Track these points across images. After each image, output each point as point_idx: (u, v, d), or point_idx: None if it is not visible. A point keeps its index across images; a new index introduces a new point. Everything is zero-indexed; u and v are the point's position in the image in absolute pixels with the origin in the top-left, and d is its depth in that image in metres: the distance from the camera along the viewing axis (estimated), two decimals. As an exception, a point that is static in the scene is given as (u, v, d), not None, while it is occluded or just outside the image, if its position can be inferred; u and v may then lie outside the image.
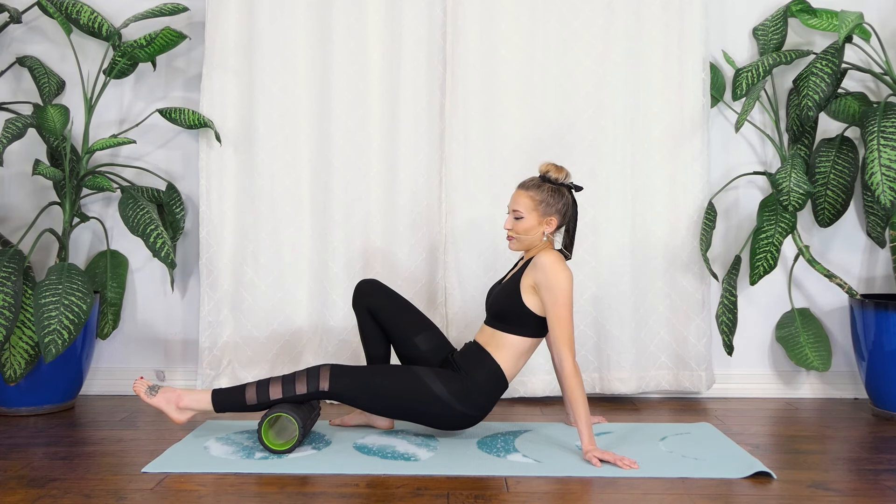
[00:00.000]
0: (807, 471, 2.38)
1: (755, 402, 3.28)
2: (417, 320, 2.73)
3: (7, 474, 2.31)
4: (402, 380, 2.55)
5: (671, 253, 3.25)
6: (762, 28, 3.29)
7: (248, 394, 2.56)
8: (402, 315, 2.72)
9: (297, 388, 2.54)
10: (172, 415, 2.61)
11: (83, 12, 3.14)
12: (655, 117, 3.24)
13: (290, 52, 3.26)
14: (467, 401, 2.55)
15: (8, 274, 2.80)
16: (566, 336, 2.48)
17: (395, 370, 2.59)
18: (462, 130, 3.22)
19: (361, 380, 2.55)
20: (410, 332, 2.71)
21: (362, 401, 2.56)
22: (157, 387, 2.64)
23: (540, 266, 2.51)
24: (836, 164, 3.21)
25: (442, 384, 2.54)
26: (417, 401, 2.54)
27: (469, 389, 2.55)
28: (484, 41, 3.23)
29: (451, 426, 2.61)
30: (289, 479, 2.28)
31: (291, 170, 3.27)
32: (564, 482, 2.26)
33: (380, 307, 2.72)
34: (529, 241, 2.62)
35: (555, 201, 2.59)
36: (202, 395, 2.60)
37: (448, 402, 2.54)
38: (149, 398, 2.62)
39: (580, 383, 2.45)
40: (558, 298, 2.48)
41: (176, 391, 2.62)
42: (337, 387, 2.54)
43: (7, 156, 3.38)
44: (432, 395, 2.53)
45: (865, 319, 3.04)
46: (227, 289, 3.26)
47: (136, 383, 2.65)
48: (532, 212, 2.59)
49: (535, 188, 2.60)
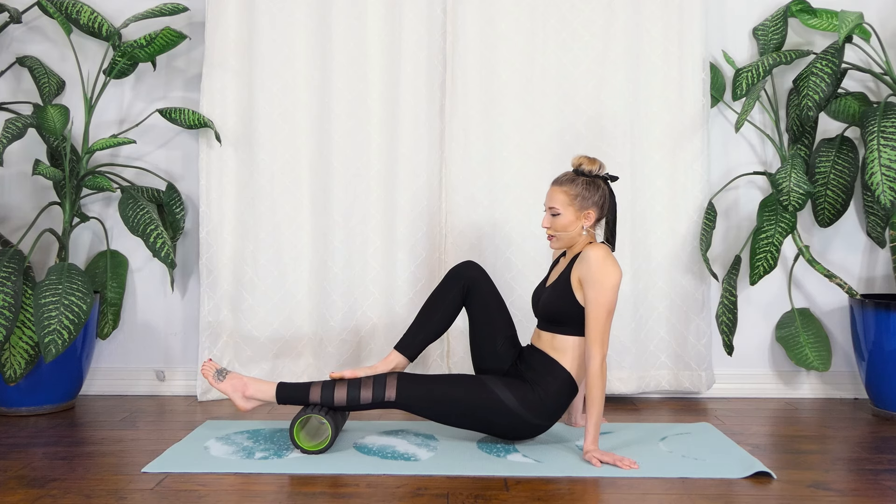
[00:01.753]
0: (807, 471, 2.38)
1: (755, 402, 3.28)
2: (506, 322, 2.65)
3: (7, 474, 2.31)
4: (471, 389, 2.50)
5: (671, 253, 3.25)
6: (762, 28, 3.29)
7: (313, 393, 2.53)
8: (497, 310, 2.64)
9: (363, 394, 2.51)
10: (238, 402, 2.59)
11: (83, 12, 3.14)
12: (655, 117, 3.24)
13: (290, 52, 3.26)
14: (539, 410, 2.50)
15: (8, 274, 2.80)
16: (600, 334, 2.43)
17: (464, 379, 2.53)
18: (462, 130, 3.23)
19: (430, 390, 2.50)
20: (498, 329, 2.63)
21: (431, 411, 2.51)
22: (224, 371, 2.61)
23: (588, 260, 2.46)
24: (836, 164, 3.21)
25: (512, 394, 2.49)
26: (488, 411, 2.49)
27: (541, 399, 2.50)
28: (484, 41, 3.23)
29: (520, 436, 2.57)
30: (289, 479, 2.28)
31: (291, 170, 3.27)
32: (564, 482, 2.26)
33: (481, 292, 2.63)
34: (570, 237, 2.57)
35: (590, 194, 2.54)
36: (268, 387, 2.58)
37: (519, 412, 2.49)
38: (217, 382, 2.60)
39: (603, 384, 2.41)
40: (601, 295, 2.43)
41: (243, 379, 2.59)
42: (404, 396, 2.50)
43: (7, 156, 3.38)
44: (503, 405, 2.48)
45: (865, 319, 3.04)
46: (227, 289, 3.26)
47: (205, 366, 2.63)
48: (568, 207, 2.54)
49: (570, 183, 2.56)
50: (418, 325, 2.64)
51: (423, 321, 2.64)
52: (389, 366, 2.60)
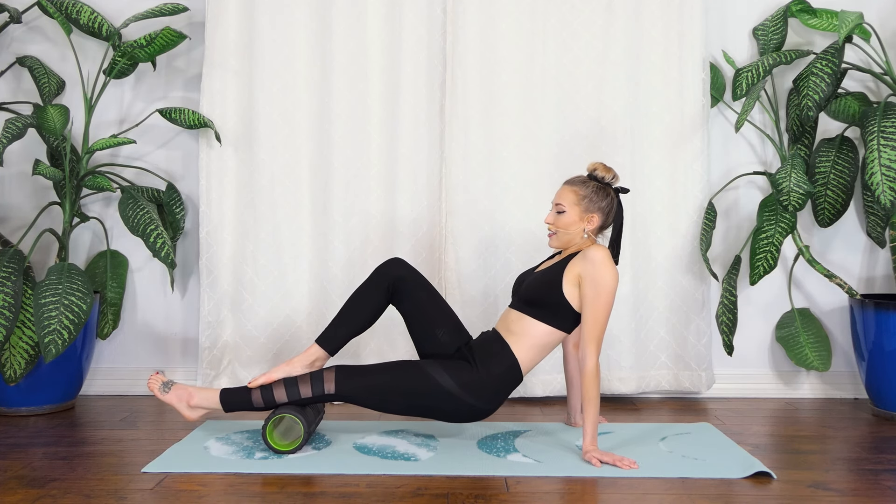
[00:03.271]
0: (807, 471, 2.38)
1: (755, 402, 3.28)
2: (442, 311, 2.63)
3: (7, 474, 2.31)
4: (409, 376, 2.50)
5: (671, 253, 3.25)
6: (762, 28, 3.29)
7: (254, 395, 2.54)
8: (428, 303, 2.63)
9: (302, 390, 2.52)
10: (184, 412, 2.60)
11: (83, 12, 3.14)
12: (655, 117, 3.24)
13: (290, 52, 3.26)
14: (478, 393, 2.50)
15: (8, 274, 2.80)
16: (596, 334, 2.44)
17: (401, 366, 2.54)
18: (462, 130, 3.23)
19: (368, 380, 2.51)
20: (434, 321, 2.61)
21: (371, 401, 2.52)
22: (170, 383, 2.62)
23: (590, 258, 2.47)
24: (836, 164, 3.21)
25: (450, 377, 2.49)
26: (427, 396, 2.49)
27: (481, 381, 2.50)
28: (484, 41, 3.23)
29: (461, 419, 2.56)
30: (289, 479, 2.28)
31: (291, 170, 3.27)
32: (564, 482, 2.26)
33: (408, 289, 2.61)
34: (569, 237, 2.58)
35: (598, 199, 2.56)
36: (211, 394, 2.58)
37: (458, 395, 2.49)
38: (162, 395, 2.60)
39: (597, 384, 2.42)
40: (601, 295, 2.44)
41: (188, 389, 2.60)
42: (344, 389, 2.50)
43: (7, 156, 3.38)
44: (441, 389, 2.48)
45: (865, 319, 3.04)
46: (227, 289, 3.26)
47: (151, 379, 2.63)
48: (574, 206, 2.56)
49: (581, 184, 2.58)
50: (341, 320, 2.63)
51: (347, 317, 2.63)
52: (310, 359, 2.59)
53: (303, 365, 2.59)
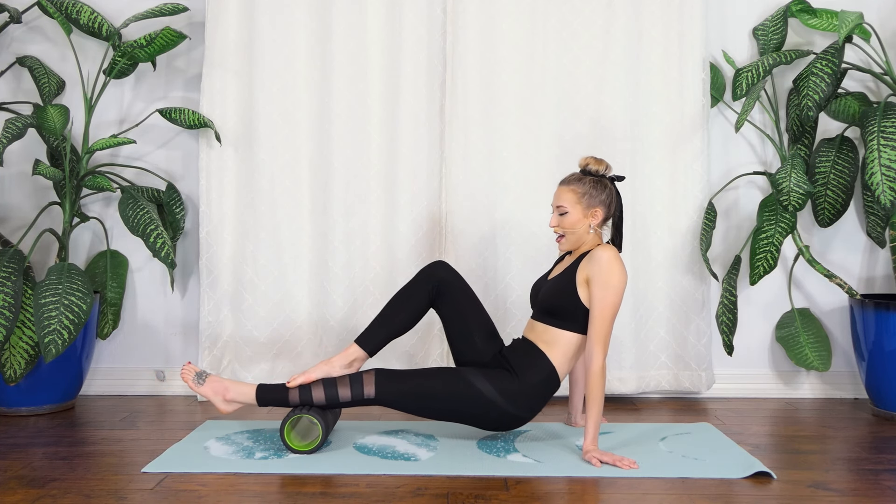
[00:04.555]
0: (807, 471, 2.38)
1: (755, 402, 3.28)
2: (481, 317, 2.64)
3: (7, 474, 2.31)
4: (450, 382, 2.50)
5: (671, 253, 3.25)
6: (762, 28, 3.29)
7: (292, 395, 2.53)
8: (469, 308, 2.63)
9: (341, 392, 2.50)
10: (219, 406, 2.59)
11: (83, 12, 3.14)
12: (655, 117, 3.24)
13: (290, 52, 3.26)
14: (518, 401, 2.50)
15: (8, 274, 2.80)
16: (603, 335, 2.44)
17: (441, 372, 2.53)
18: (462, 130, 3.23)
19: (408, 385, 2.50)
20: (473, 326, 2.62)
21: (410, 405, 2.51)
22: (204, 374, 2.60)
23: (597, 259, 2.47)
24: (836, 164, 3.21)
25: (491, 385, 2.49)
26: (467, 403, 2.49)
27: (521, 390, 2.50)
28: (484, 41, 3.23)
29: (499, 427, 2.57)
30: (289, 479, 2.28)
31: (291, 170, 3.27)
32: (564, 482, 2.26)
33: (451, 292, 2.61)
34: (577, 236, 2.58)
35: (598, 192, 2.56)
36: (248, 389, 2.57)
37: (498, 403, 2.48)
38: (196, 386, 2.59)
39: (603, 384, 2.42)
40: (608, 296, 2.44)
41: (223, 382, 2.59)
42: (383, 392, 2.49)
43: (7, 156, 3.38)
44: (482, 397, 2.48)
45: (865, 319, 3.04)
46: (227, 289, 3.26)
47: (184, 370, 2.62)
48: (576, 205, 2.55)
49: (577, 181, 2.57)
50: (382, 321, 2.62)
51: (388, 318, 2.62)
52: (349, 359, 2.57)
53: (342, 365, 2.57)
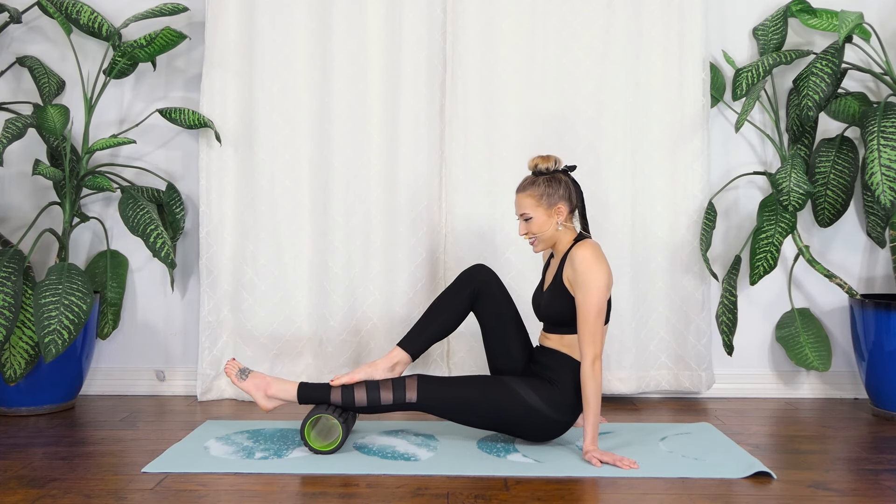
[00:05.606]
0: (807, 471, 2.38)
1: (755, 402, 3.28)
2: (518, 324, 2.65)
3: (7, 474, 2.31)
4: (494, 391, 2.50)
5: (671, 253, 3.25)
6: (762, 28, 3.29)
7: (334, 394, 2.53)
8: (509, 312, 2.63)
9: (383, 396, 2.50)
10: (260, 402, 2.59)
11: (83, 12, 3.14)
12: (655, 117, 3.24)
13: (290, 52, 3.26)
14: (561, 407, 2.50)
15: (8, 274, 2.80)
16: (590, 335, 2.42)
17: (484, 380, 2.53)
18: (462, 130, 3.23)
19: (451, 392, 2.50)
20: (510, 331, 2.63)
21: (451, 413, 2.51)
22: (247, 371, 2.61)
23: (575, 261, 2.46)
24: (836, 164, 3.21)
25: (536, 394, 2.49)
26: (512, 412, 2.49)
27: (563, 396, 2.50)
28: (484, 41, 3.23)
29: (545, 436, 2.57)
30: (289, 479, 2.28)
31: (291, 170, 3.27)
32: (564, 482, 2.26)
33: (492, 295, 2.62)
34: (548, 237, 2.58)
35: (554, 190, 2.55)
36: (290, 386, 2.57)
37: (543, 411, 2.49)
38: (239, 381, 2.60)
39: (596, 383, 2.41)
40: (589, 296, 2.43)
41: (265, 378, 2.59)
42: (425, 398, 2.49)
43: (7, 156, 3.38)
44: (526, 405, 2.48)
45: (865, 319, 3.04)
46: (227, 289, 3.26)
47: (228, 365, 2.63)
48: (537, 208, 2.55)
49: (531, 185, 2.57)
50: (424, 324, 2.64)
51: (430, 321, 2.64)
52: (391, 362, 2.60)
53: (384, 368, 2.59)
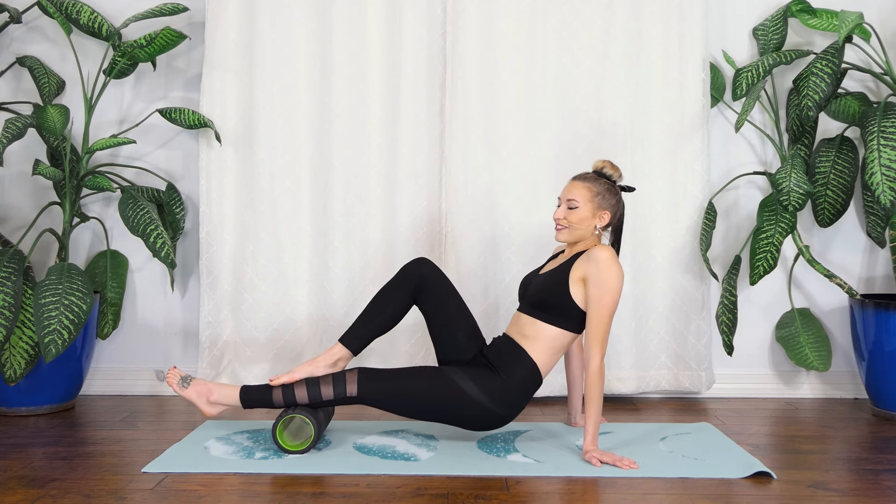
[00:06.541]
0: (807, 471, 2.38)
1: (755, 402, 3.28)
2: (464, 314, 2.64)
3: (7, 474, 2.31)
4: (433, 383, 2.49)
5: (671, 253, 3.25)
6: (762, 28, 3.29)
7: (275, 394, 2.53)
8: (451, 303, 2.62)
9: (324, 391, 2.50)
10: (203, 408, 2.59)
11: (83, 12, 3.14)
12: (655, 117, 3.24)
13: (290, 52, 3.26)
14: (501, 400, 2.50)
15: (8, 274, 2.80)
16: (601, 335, 2.43)
17: (425, 372, 2.53)
18: (462, 130, 3.23)
19: (391, 384, 2.50)
20: (455, 322, 2.61)
21: (392, 405, 2.51)
22: (189, 378, 2.61)
23: (595, 259, 2.46)
24: (836, 164, 3.21)
25: (475, 385, 2.49)
26: (451, 403, 2.49)
27: (504, 388, 2.50)
28: (484, 41, 3.23)
29: (483, 427, 2.56)
30: (289, 479, 2.28)
31: (291, 170, 3.27)
32: (564, 482, 2.26)
33: (434, 288, 2.61)
34: (580, 233, 2.57)
35: (610, 196, 2.57)
36: (231, 391, 2.57)
37: (482, 402, 2.48)
38: (181, 390, 2.59)
39: (601, 384, 2.41)
40: (605, 296, 2.43)
41: (207, 385, 2.59)
42: (366, 391, 2.49)
43: (7, 156, 3.38)
44: (466, 396, 2.48)
45: (865, 319, 3.04)
46: (227, 289, 3.26)
47: (170, 374, 2.62)
48: (588, 202, 2.55)
49: (593, 180, 2.58)
50: (365, 319, 2.62)
51: (372, 315, 2.62)
52: (333, 358, 2.58)
53: (326, 364, 2.58)
